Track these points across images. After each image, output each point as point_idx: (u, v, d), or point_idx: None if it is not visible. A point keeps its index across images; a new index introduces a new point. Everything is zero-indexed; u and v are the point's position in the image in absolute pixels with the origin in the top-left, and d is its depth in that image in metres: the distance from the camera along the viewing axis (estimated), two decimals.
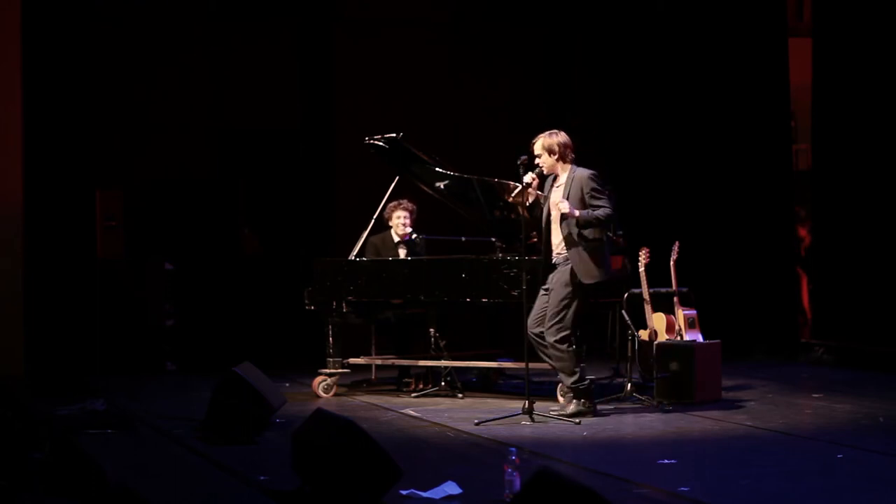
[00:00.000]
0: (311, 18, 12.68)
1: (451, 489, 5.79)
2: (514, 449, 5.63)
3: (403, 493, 5.72)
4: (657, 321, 9.10)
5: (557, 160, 8.16)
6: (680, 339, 9.03)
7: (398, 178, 9.71)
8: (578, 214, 7.99)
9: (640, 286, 9.05)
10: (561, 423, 7.85)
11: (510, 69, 13.11)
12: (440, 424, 8.00)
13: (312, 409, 7.07)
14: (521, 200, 8.16)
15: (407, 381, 9.88)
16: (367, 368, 10.28)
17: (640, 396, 8.69)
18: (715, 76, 12.43)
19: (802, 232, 12.60)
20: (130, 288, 11.49)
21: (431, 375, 9.67)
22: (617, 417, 8.15)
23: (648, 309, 9.09)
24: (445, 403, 8.99)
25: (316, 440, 5.84)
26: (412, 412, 8.56)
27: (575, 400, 8.17)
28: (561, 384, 8.67)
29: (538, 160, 8.17)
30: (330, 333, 9.62)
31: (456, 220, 10.07)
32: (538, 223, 8.29)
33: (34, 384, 10.40)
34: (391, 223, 9.91)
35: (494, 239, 9.65)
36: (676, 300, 9.20)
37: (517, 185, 8.33)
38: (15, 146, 11.16)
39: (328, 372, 9.57)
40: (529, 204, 8.21)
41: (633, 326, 8.91)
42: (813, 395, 9.33)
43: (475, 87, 12.97)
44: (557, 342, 8.03)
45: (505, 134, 12.50)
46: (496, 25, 13.12)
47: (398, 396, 9.44)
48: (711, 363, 8.92)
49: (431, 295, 9.25)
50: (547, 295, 8.11)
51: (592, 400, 8.22)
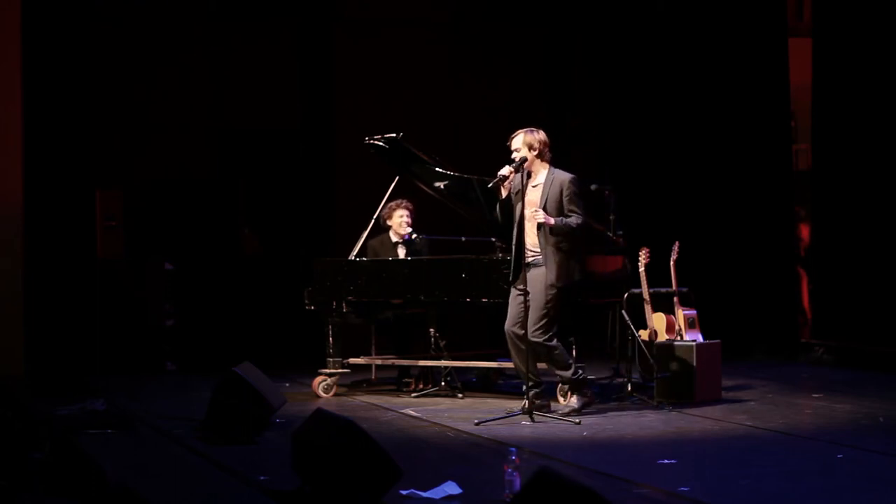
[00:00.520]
0: (311, 18, 12.68)
1: (451, 489, 5.78)
2: (514, 449, 5.63)
3: (403, 493, 5.72)
4: (657, 321, 9.10)
5: (536, 157, 8.17)
6: (680, 339, 9.03)
7: (398, 178, 9.70)
8: (553, 223, 8.00)
9: (640, 286, 9.04)
10: (561, 423, 7.85)
11: (510, 69, 13.11)
12: (440, 424, 8.00)
13: (312, 409, 7.06)
14: (497, 188, 8.13)
15: (407, 381, 9.88)
16: (367, 368, 10.29)
17: (640, 396, 8.69)
18: (715, 76, 12.43)
19: (802, 232, 12.61)
20: (130, 288, 11.50)
21: (431, 375, 9.67)
22: (617, 417, 8.15)
23: (648, 309, 9.09)
24: (445, 403, 8.99)
25: (316, 440, 5.84)
26: (412, 412, 8.56)
27: (577, 395, 8.20)
28: (560, 384, 8.69)
29: (516, 155, 8.15)
30: (330, 333, 9.62)
31: (456, 220, 10.06)
32: (509, 220, 8.20)
33: (34, 384, 10.39)
34: (390, 223, 9.91)
35: (494, 239, 9.65)
36: (676, 300, 9.20)
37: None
38: (15, 146, 11.15)
39: (328, 372, 9.57)
40: (503, 198, 8.18)
41: (633, 326, 8.91)
42: (813, 395, 9.32)
43: (475, 87, 12.97)
44: (546, 341, 8.01)
45: (505, 134, 12.41)
46: (496, 25, 13.12)
47: (398, 396, 9.44)
48: (711, 363, 8.93)
49: (431, 295, 9.25)
50: (522, 295, 7.94)
51: (591, 390, 8.36)
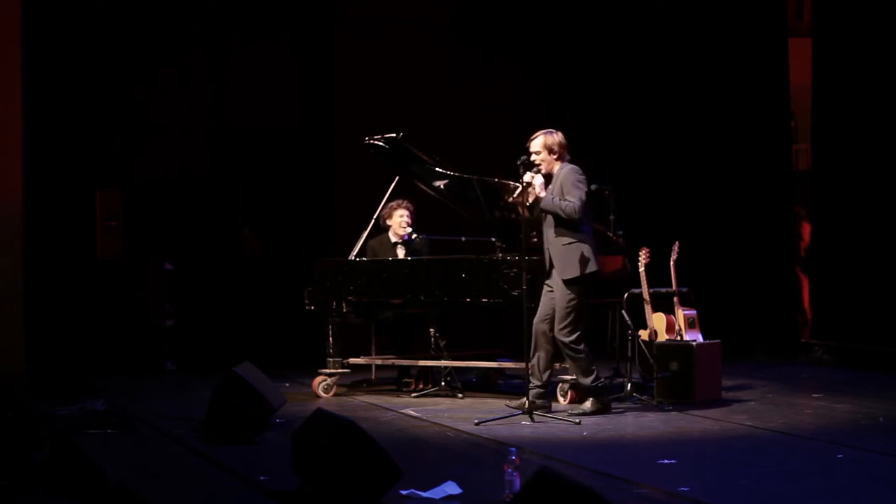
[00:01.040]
0: (311, 18, 12.68)
1: (451, 489, 5.78)
2: (514, 449, 5.63)
3: (403, 493, 5.72)
4: (657, 321, 9.10)
5: (556, 159, 8.16)
6: (680, 339, 9.03)
7: (398, 178, 9.70)
8: (542, 196, 8.00)
9: (640, 286, 9.05)
10: (561, 422, 7.85)
11: (510, 69, 13.11)
12: (440, 424, 8.00)
13: (312, 409, 7.06)
14: (521, 200, 8.16)
15: (407, 381, 9.88)
16: (367, 368, 10.28)
17: (640, 396, 8.69)
18: (715, 76, 12.42)
19: (803, 232, 12.61)
20: (130, 288, 11.49)
21: (431, 375, 9.67)
22: (617, 417, 8.15)
23: (648, 309, 9.09)
24: (445, 403, 8.99)
25: (316, 440, 5.84)
26: (412, 412, 8.56)
27: (592, 398, 8.21)
28: (561, 384, 8.69)
29: (536, 158, 8.16)
30: (330, 333, 9.62)
31: (456, 220, 10.06)
32: (539, 224, 8.30)
33: (34, 384, 10.39)
34: (390, 223, 9.90)
35: (494, 239, 9.65)
36: (676, 300, 9.20)
37: (517, 185, 8.33)
38: (15, 146, 11.15)
39: (328, 372, 9.57)
40: (530, 203, 8.21)
41: (633, 326, 8.91)
42: (813, 395, 9.32)
43: (475, 87, 12.97)
44: (573, 343, 8.06)
45: (505, 134, 12.47)
46: (496, 25, 13.12)
47: (398, 396, 9.44)
48: (711, 363, 8.92)
49: (431, 295, 9.25)
50: (552, 292, 8.13)
51: (608, 399, 8.31)
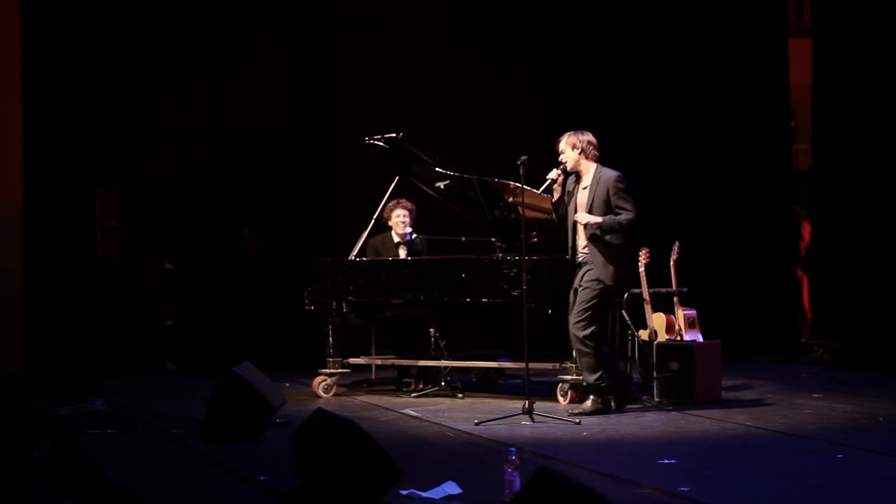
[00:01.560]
0: (311, 18, 12.67)
1: (451, 489, 5.79)
2: (514, 449, 5.63)
3: (403, 493, 5.72)
4: (657, 321, 9.10)
5: (580, 155, 8.20)
6: (680, 339, 9.03)
7: (398, 178, 9.70)
8: (602, 222, 8.10)
9: (640, 286, 9.05)
10: (561, 422, 7.86)
11: (510, 69, 13.10)
12: (440, 424, 8.00)
13: (312, 409, 7.06)
14: (549, 199, 8.26)
15: (407, 381, 9.88)
16: (367, 368, 10.28)
17: (639, 396, 8.68)
18: (715, 76, 12.42)
19: (803, 232, 12.62)
20: (130, 288, 11.49)
21: (431, 375, 9.67)
22: (617, 417, 8.15)
23: (648, 309, 9.09)
24: (445, 403, 8.99)
25: (316, 440, 5.84)
26: (412, 412, 8.56)
27: (593, 397, 8.22)
28: (560, 384, 8.69)
29: (562, 156, 8.23)
30: (330, 333, 9.62)
31: (456, 220, 10.06)
32: (563, 221, 8.34)
33: (34, 384, 10.38)
34: (391, 223, 9.91)
35: (494, 239, 9.65)
36: (676, 300, 9.20)
37: (517, 185, 8.35)
38: (15, 146, 11.14)
39: (328, 372, 9.56)
40: (554, 201, 8.26)
41: (633, 326, 8.91)
42: (813, 395, 9.32)
43: (475, 87, 12.96)
44: (587, 337, 8.11)
45: (504, 134, 12.51)
46: (496, 25, 13.11)
47: (398, 396, 9.44)
48: (711, 363, 8.92)
49: (431, 295, 9.25)
50: (574, 292, 8.22)
51: (610, 399, 8.29)
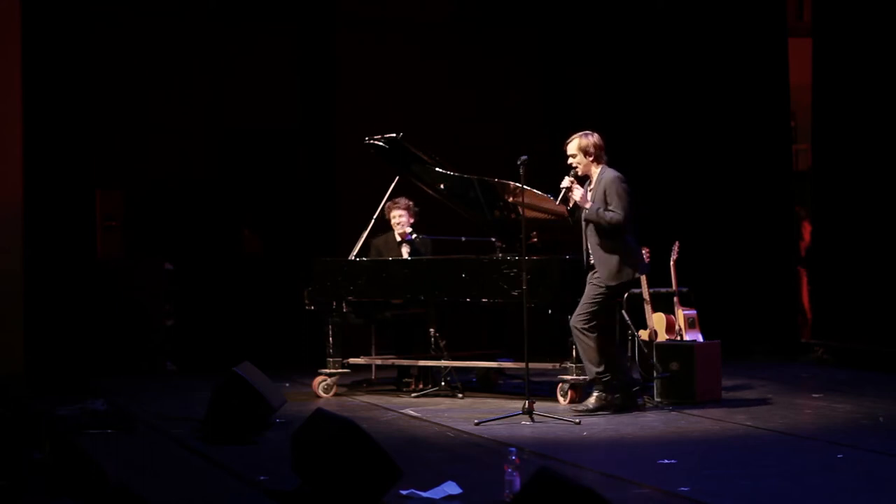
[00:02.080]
0: (311, 18, 12.67)
1: (451, 489, 5.79)
2: (514, 449, 5.63)
3: (403, 493, 5.72)
4: (657, 321, 9.10)
5: (592, 161, 8.19)
6: (680, 339, 9.03)
7: (398, 178, 9.70)
8: (589, 208, 8.06)
9: (640, 286, 9.05)
10: (561, 422, 7.85)
11: (510, 69, 13.10)
12: (440, 424, 8.00)
13: (312, 409, 7.06)
14: (562, 207, 8.28)
15: (407, 381, 9.87)
16: (367, 368, 10.28)
17: (640, 396, 8.68)
18: (715, 76, 12.42)
19: (803, 232, 12.62)
20: (130, 288, 11.49)
21: (431, 375, 9.67)
22: (617, 417, 8.15)
23: (648, 309, 9.09)
24: (445, 403, 8.99)
25: (316, 440, 5.85)
26: (412, 412, 8.56)
27: (597, 393, 8.22)
28: (560, 384, 8.69)
29: (572, 161, 8.20)
30: (330, 333, 9.62)
31: (456, 220, 10.06)
32: (577, 225, 8.36)
33: (34, 384, 10.38)
34: (392, 223, 9.91)
35: (494, 239, 9.65)
36: (676, 300, 9.20)
37: (517, 184, 8.34)
38: (15, 146, 11.14)
39: (328, 372, 9.56)
40: (570, 207, 8.27)
41: (633, 326, 8.91)
42: (813, 395, 9.31)
43: (475, 87, 12.96)
44: (587, 329, 8.14)
45: (504, 134, 12.50)
46: (496, 25, 13.11)
47: (398, 396, 9.44)
48: (711, 363, 8.92)
49: (431, 295, 9.25)
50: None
51: (613, 394, 8.26)
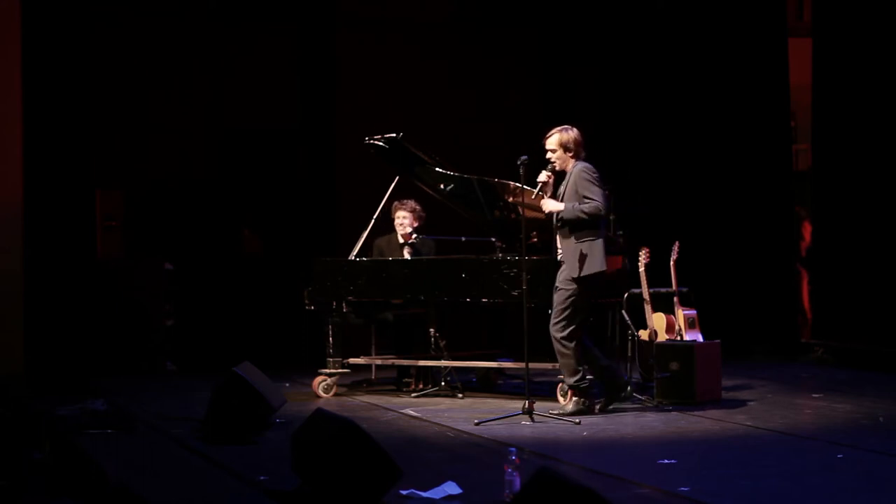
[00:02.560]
0: (311, 18, 12.67)
1: (451, 489, 5.79)
2: (514, 449, 5.63)
3: (403, 493, 5.73)
4: (657, 321, 9.10)
5: (571, 157, 8.12)
6: (680, 339, 9.03)
7: (398, 178, 9.70)
8: (563, 209, 8.00)
9: (640, 286, 9.05)
10: (561, 423, 7.86)
11: (510, 69, 13.10)
12: (440, 424, 8.00)
13: (312, 409, 7.06)
14: (537, 201, 8.16)
15: (407, 381, 9.88)
16: (367, 368, 10.28)
17: (640, 396, 8.69)
18: (715, 76, 12.42)
19: (803, 232, 12.61)
20: (130, 288, 11.48)
21: (431, 375, 9.67)
22: (617, 417, 8.15)
23: (648, 309, 9.09)
24: (445, 403, 8.99)
25: (316, 440, 5.85)
26: (412, 412, 8.56)
27: (574, 398, 8.19)
28: (561, 384, 8.69)
29: (551, 155, 8.13)
30: (330, 333, 9.62)
31: (456, 220, 10.06)
32: (551, 221, 8.31)
33: (34, 384, 10.39)
34: (395, 224, 9.91)
35: (494, 239, 9.65)
36: (676, 300, 9.20)
37: (517, 185, 8.34)
38: (15, 146, 11.14)
39: (328, 372, 9.57)
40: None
41: (633, 326, 8.91)
42: (813, 395, 9.32)
43: (475, 87, 12.96)
44: (564, 338, 8.06)
45: (504, 134, 12.50)
46: (496, 25, 13.11)
47: (398, 396, 9.44)
48: (711, 363, 8.92)
49: (431, 295, 9.26)
50: (555, 293, 8.16)
51: (592, 400, 8.24)
